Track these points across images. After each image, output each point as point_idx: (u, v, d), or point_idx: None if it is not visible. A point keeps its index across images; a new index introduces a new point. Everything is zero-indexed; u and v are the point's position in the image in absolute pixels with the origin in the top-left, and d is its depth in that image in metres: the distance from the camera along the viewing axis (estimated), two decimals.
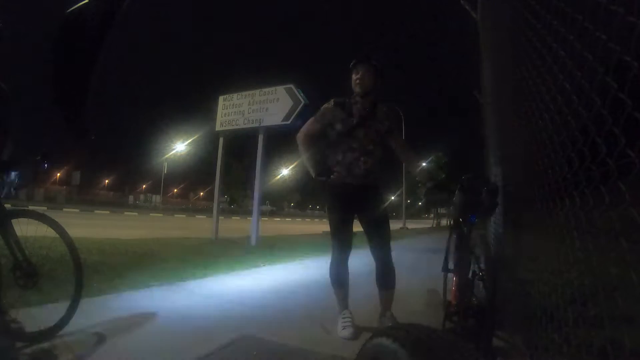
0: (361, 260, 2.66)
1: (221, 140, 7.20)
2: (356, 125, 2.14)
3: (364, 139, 2.13)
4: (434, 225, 34.10)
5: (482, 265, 1.72)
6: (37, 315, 1.71)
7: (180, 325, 2.04)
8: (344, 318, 2.10)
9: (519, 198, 2.05)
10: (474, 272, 1.79)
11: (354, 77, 2.16)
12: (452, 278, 1.90)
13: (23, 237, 1.71)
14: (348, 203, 2.14)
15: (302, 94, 6.37)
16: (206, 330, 1.98)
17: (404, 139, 2.31)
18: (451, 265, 2.05)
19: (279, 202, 60.52)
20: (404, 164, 2.29)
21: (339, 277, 2.19)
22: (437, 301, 2.65)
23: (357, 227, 2.19)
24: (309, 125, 2.25)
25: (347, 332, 2.01)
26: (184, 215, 25.81)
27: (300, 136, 2.25)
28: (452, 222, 2.17)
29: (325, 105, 2.22)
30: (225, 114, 7.11)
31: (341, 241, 2.17)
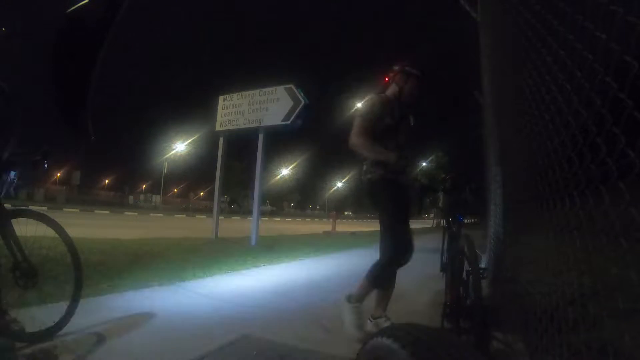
0: (364, 260, 2.66)
1: (221, 140, 7.19)
2: (399, 122, 2.15)
3: (403, 138, 2.17)
4: (434, 225, 34.11)
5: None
6: (36, 315, 1.71)
7: (180, 325, 2.04)
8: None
9: (519, 198, 2.05)
10: (467, 271, 1.78)
11: (408, 85, 2.16)
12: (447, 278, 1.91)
13: (23, 237, 1.71)
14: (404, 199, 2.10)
15: (302, 94, 6.37)
16: (206, 330, 1.98)
17: None
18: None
19: (279, 202, 60.51)
20: None
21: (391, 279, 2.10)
22: (437, 301, 2.66)
23: (355, 227, 2.19)
24: (361, 128, 2.09)
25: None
26: (184, 215, 25.80)
27: (357, 142, 2.06)
28: (444, 223, 2.18)
29: (373, 98, 2.16)
30: (225, 114, 7.11)
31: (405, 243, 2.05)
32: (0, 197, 1.67)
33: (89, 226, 8.41)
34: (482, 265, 1.77)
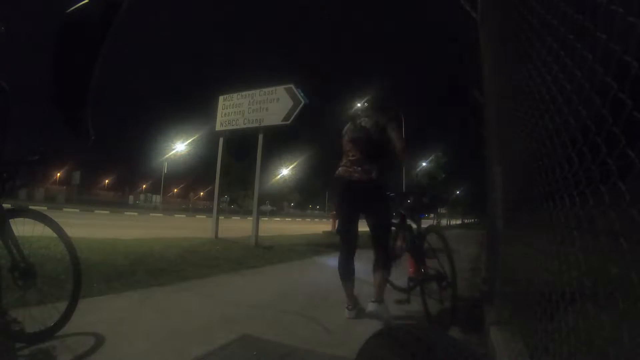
0: (363, 260, 2.67)
1: (221, 140, 7.19)
2: None
3: None
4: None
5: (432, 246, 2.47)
6: (36, 315, 1.71)
7: (180, 325, 2.04)
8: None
9: (519, 197, 2.05)
10: (425, 252, 2.47)
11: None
12: (407, 259, 2.72)
13: (22, 237, 1.71)
14: None
15: (302, 94, 6.36)
16: (206, 330, 1.98)
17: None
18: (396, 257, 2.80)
19: (279, 202, 60.40)
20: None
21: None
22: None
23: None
24: None
25: (352, 313, 2.37)
26: (184, 215, 25.79)
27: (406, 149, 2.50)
28: (400, 221, 2.81)
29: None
30: (225, 114, 7.11)
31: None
32: None
33: (89, 226, 8.41)
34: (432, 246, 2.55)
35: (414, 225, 2.64)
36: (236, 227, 11.29)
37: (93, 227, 8.08)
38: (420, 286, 2.45)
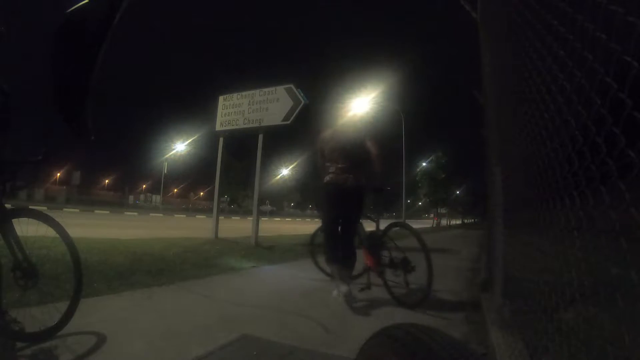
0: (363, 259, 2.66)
1: (221, 140, 7.18)
2: None
3: None
4: (434, 225, 34.18)
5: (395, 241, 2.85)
6: (37, 315, 1.71)
7: (180, 325, 2.04)
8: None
9: (519, 198, 2.05)
10: (384, 244, 2.85)
11: None
12: (361, 253, 2.91)
13: (23, 236, 1.71)
14: None
15: (302, 94, 6.36)
16: (206, 330, 1.98)
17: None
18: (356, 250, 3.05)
19: (279, 202, 60.35)
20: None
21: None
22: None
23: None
24: None
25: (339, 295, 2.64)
26: (184, 215, 25.79)
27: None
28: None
29: None
30: (225, 114, 7.10)
31: None
32: (0, 196, 1.67)
33: (89, 226, 8.41)
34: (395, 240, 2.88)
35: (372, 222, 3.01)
36: (236, 227, 11.29)
37: (93, 227, 8.08)
38: (381, 273, 2.76)
